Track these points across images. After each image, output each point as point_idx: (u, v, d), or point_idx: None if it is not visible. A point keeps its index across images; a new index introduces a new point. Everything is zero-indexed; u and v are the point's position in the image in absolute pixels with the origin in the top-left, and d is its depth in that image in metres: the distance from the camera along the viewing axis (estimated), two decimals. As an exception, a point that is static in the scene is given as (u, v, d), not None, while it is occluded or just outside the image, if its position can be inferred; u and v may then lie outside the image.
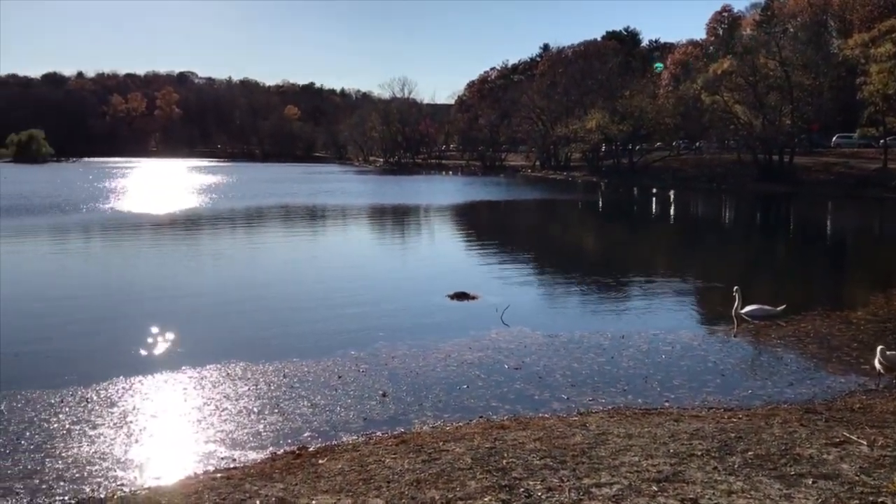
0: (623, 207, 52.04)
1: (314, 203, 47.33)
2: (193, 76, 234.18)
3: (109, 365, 10.87)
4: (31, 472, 7.27)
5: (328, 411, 9.08)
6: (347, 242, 28.81)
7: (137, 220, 35.25)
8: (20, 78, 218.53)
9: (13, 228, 30.10)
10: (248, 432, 8.40)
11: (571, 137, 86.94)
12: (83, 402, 9.29)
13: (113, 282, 18.69)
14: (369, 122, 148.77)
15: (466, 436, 7.88)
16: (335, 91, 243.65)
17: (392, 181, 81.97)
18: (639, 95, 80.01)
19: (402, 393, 9.78)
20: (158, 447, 8.03)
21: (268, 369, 10.80)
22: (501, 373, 10.70)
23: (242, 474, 7.03)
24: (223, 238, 29.35)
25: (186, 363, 11.00)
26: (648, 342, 12.54)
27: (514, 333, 13.03)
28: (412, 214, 42.09)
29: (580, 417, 8.70)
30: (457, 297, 16.02)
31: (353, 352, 11.72)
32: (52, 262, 22.36)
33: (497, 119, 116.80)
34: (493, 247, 27.28)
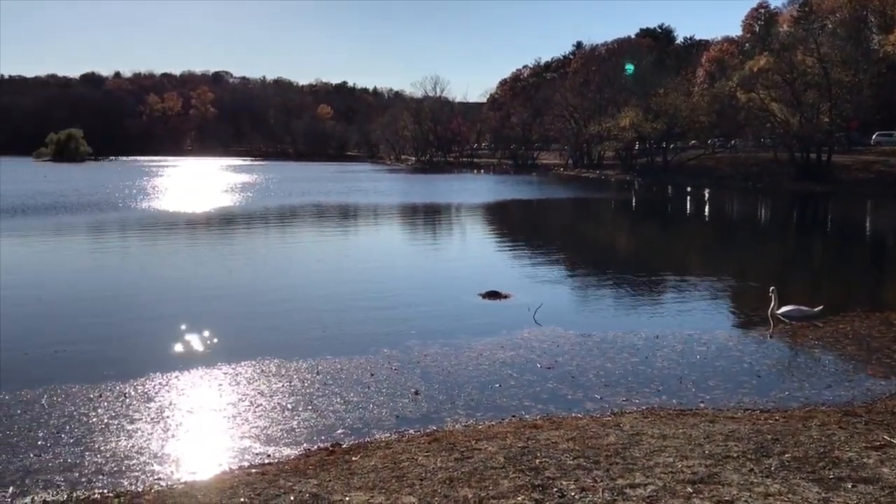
0: (657, 206, 51.61)
1: (346, 202, 47.58)
2: (228, 76, 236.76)
3: (146, 361, 11.04)
4: (71, 466, 7.40)
5: (361, 409, 9.13)
6: (379, 241, 28.92)
7: (173, 218, 35.72)
8: (59, 78, 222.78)
9: (52, 226, 30.69)
10: (283, 429, 8.47)
11: (604, 135, 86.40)
12: (121, 398, 9.45)
13: (149, 280, 18.97)
14: (401, 121, 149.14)
15: (499, 435, 7.88)
16: (367, 90, 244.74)
17: (423, 180, 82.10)
18: (673, 93, 79.22)
19: (435, 391, 9.80)
20: (194, 442, 8.13)
21: (301, 366, 10.88)
22: (534, 372, 10.67)
23: (277, 470, 7.10)
24: (257, 236, 29.63)
25: (221, 360, 11.13)
26: (683, 342, 12.42)
27: (546, 333, 12.98)
28: (443, 213, 42.13)
29: (614, 417, 8.65)
30: (489, 296, 16.01)
31: (385, 350, 11.76)
32: (90, 260, 22.76)
33: (529, 117, 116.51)
34: (525, 246, 27.22)
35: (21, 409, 9.01)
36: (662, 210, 48.84)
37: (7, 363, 10.98)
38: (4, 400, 9.29)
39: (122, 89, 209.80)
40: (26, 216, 33.97)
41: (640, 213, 46.45)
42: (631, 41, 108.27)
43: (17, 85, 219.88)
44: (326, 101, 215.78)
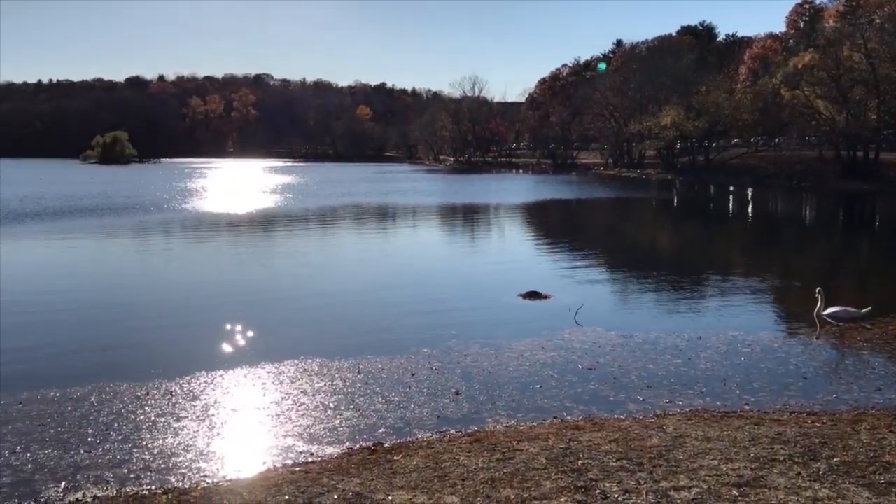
0: (699, 205, 50.98)
1: (386, 202, 47.81)
2: (269, 78, 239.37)
3: (191, 360, 11.23)
4: (120, 462, 7.56)
5: (402, 408, 9.17)
6: (419, 242, 29.00)
7: (216, 219, 36.26)
8: (105, 82, 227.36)
9: (98, 228, 31.36)
10: (325, 427, 8.55)
11: (645, 134, 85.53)
12: (167, 396, 9.62)
13: (193, 281, 19.27)
14: (439, 122, 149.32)
15: (540, 436, 7.86)
16: (406, 91, 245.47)
17: (462, 180, 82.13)
18: (715, 91, 78.11)
19: (475, 391, 9.80)
20: (239, 440, 8.25)
21: (343, 366, 10.97)
22: (575, 373, 10.61)
23: (320, 469, 7.17)
24: (298, 237, 29.93)
25: (264, 359, 11.27)
26: (727, 343, 12.25)
27: (587, 333, 12.91)
28: (482, 213, 42.11)
29: (657, 419, 8.57)
30: (529, 297, 15.96)
31: (425, 350, 11.80)
32: (136, 261, 23.22)
33: (568, 116, 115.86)
34: (564, 246, 27.08)
35: (71, 406, 9.22)
36: (704, 209, 48.22)
37: (58, 362, 11.27)
38: (55, 397, 9.52)
39: (165, 92, 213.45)
40: (73, 218, 34.75)
41: (682, 213, 45.90)
42: (672, 39, 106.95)
43: (65, 89, 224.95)
44: (365, 102, 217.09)
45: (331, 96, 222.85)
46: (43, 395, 9.61)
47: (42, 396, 9.55)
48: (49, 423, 8.65)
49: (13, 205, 41.51)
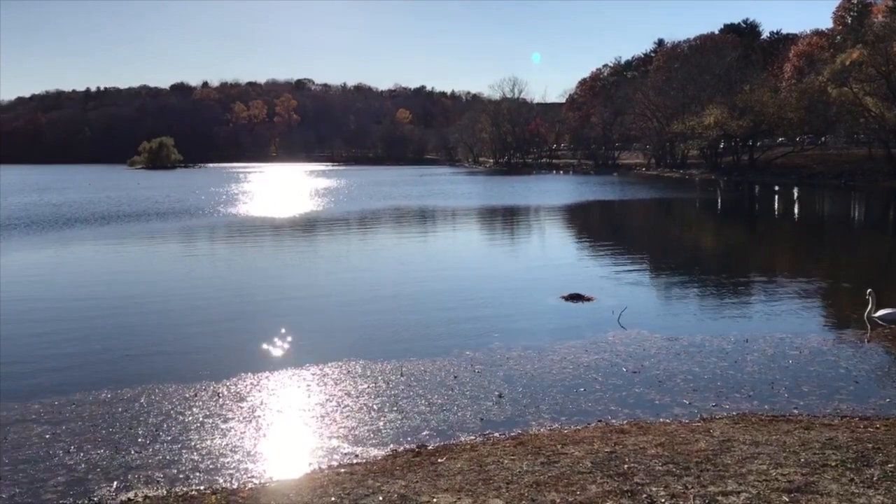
0: (743, 206, 50.20)
1: (426, 205, 47.96)
2: (310, 83, 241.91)
3: (238, 361, 11.40)
4: (169, 462, 7.70)
5: (445, 411, 9.19)
6: (460, 244, 29.02)
7: (260, 223, 36.74)
8: (151, 89, 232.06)
9: (145, 232, 31.97)
10: (369, 429, 8.61)
11: (688, 134, 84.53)
12: (215, 397, 9.77)
13: (238, 283, 19.55)
14: (479, 124, 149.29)
15: (585, 439, 7.81)
16: (445, 93, 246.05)
17: (502, 182, 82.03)
18: (759, 89, 76.94)
19: (518, 394, 9.78)
20: (285, 441, 8.34)
21: (386, 368, 11.02)
22: (619, 376, 10.53)
23: (365, 470, 7.21)
24: (340, 240, 30.18)
25: (309, 360, 11.38)
26: (774, 346, 12.04)
27: (631, 336, 12.79)
28: (523, 215, 42.00)
29: (703, 423, 8.46)
30: (571, 299, 15.87)
31: (468, 352, 11.81)
32: (182, 265, 23.63)
33: (610, 117, 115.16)
34: (607, 247, 26.87)
35: (122, 407, 9.42)
36: (749, 209, 47.47)
37: (110, 363, 11.52)
38: (107, 398, 9.73)
39: (209, 98, 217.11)
40: (121, 223, 35.49)
41: (726, 213, 45.25)
42: (714, 37, 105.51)
43: (112, 96, 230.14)
44: (405, 105, 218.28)
45: (371, 100, 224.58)
46: (95, 396, 9.84)
47: (94, 398, 9.77)
48: (101, 423, 8.85)
49: (63, 210, 42.56)
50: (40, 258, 24.33)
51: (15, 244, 27.25)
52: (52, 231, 31.37)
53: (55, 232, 31.15)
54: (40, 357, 11.91)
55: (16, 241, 28.00)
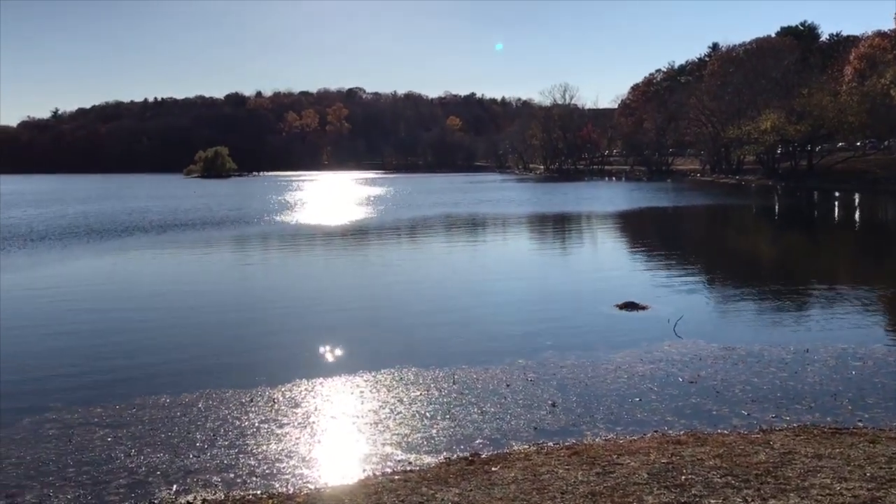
0: (802, 212, 49.02)
1: (476, 212, 47.96)
2: (361, 92, 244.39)
3: (292, 368, 11.53)
4: (226, 467, 7.82)
5: (498, 419, 9.15)
6: (511, 251, 28.93)
7: (312, 231, 37.18)
8: (206, 99, 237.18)
9: (201, 240, 32.61)
10: (422, 436, 8.62)
11: (744, 139, 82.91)
12: (270, 403, 9.90)
13: (291, 291, 19.80)
14: (529, 130, 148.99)
15: (641, 450, 7.69)
16: (496, 100, 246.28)
17: (553, 188, 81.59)
18: (819, 93, 74.99)
19: (572, 404, 9.68)
20: (339, 447, 8.40)
21: (438, 375, 11.03)
22: (675, 386, 10.35)
23: (419, 478, 7.22)
24: (391, 248, 30.35)
25: (361, 367, 11.45)
26: (836, 357, 11.70)
27: (687, 345, 12.57)
28: (575, 222, 41.69)
29: (763, 435, 8.26)
30: (626, 308, 15.68)
31: (520, 361, 11.74)
32: (236, 272, 24.07)
33: (663, 122, 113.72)
34: (661, 255, 26.50)
35: (181, 411, 9.61)
36: (808, 216, 46.34)
37: (168, 369, 11.77)
38: (166, 403, 9.94)
39: (263, 108, 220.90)
40: (177, 231, 36.27)
41: (784, 220, 44.25)
42: (771, 40, 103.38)
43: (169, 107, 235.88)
44: (455, 112, 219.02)
45: (421, 108, 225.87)
46: (154, 400, 10.05)
47: (154, 402, 9.99)
48: (160, 427, 9.03)
49: (122, 218, 43.68)
50: (100, 266, 25.02)
51: (77, 252, 28.07)
52: (112, 240, 32.21)
53: (114, 241, 31.98)
54: (102, 363, 12.23)
55: (78, 249, 28.83)
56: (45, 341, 13.77)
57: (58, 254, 27.24)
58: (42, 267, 24.00)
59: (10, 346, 13.43)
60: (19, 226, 39.03)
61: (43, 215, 47.02)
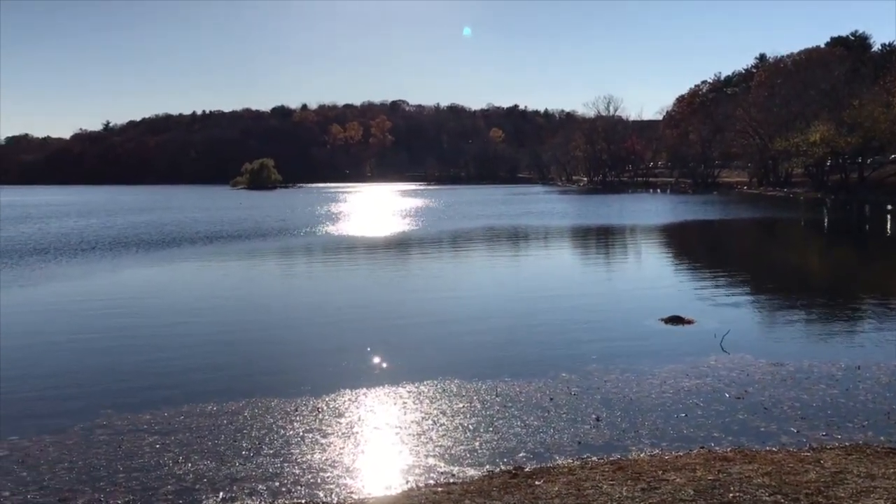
0: (852, 226, 47.94)
1: (519, 224, 47.85)
2: (405, 104, 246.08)
3: (336, 378, 11.62)
4: (271, 475, 7.90)
5: (542, 433, 9.10)
6: (554, 264, 28.81)
7: (355, 243, 37.47)
8: (253, 111, 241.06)
9: (246, 252, 33.08)
10: (465, 449, 8.61)
11: (792, 151, 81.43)
12: (315, 412, 9.98)
13: (335, 301, 19.96)
14: (573, 142, 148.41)
15: (687, 466, 7.58)
16: (539, 112, 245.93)
17: (597, 201, 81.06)
18: (870, 104, 73.31)
19: (617, 418, 9.59)
20: (382, 458, 8.43)
21: (481, 387, 11.02)
22: (722, 402, 10.18)
23: (462, 490, 7.21)
24: (433, 260, 30.43)
25: (404, 378, 11.49)
26: (889, 374, 11.41)
27: (734, 361, 12.37)
28: (619, 235, 41.34)
29: (813, 453, 8.08)
30: (671, 322, 15.49)
31: (564, 374, 11.67)
32: (282, 283, 24.40)
33: (709, 134, 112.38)
34: (707, 269, 26.13)
35: (227, 420, 9.74)
36: (859, 230, 45.31)
37: (216, 378, 11.96)
38: (213, 411, 10.09)
39: (308, 120, 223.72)
40: (224, 243, 36.83)
41: (834, 234, 43.31)
42: (820, 51, 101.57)
43: (216, 119, 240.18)
44: (498, 124, 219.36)
45: (463, 120, 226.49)
46: (202, 408, 10.22)
47: (201, 409, 10.15)
48: (207, 435, 9.17)
49: (169, 229, 44.53)
50: (149, 277, 25.53)
51: (126, 262, 28.68)
52: (159, 250, 32.84)
53: (162, 251, 32.61)
54: (150, 371, 12.47)
55: (128, 259, 29.46)
56: (95, 350, 14.08)
57: (108, 264, 27.87)
58: (93, 276, 24.58)
59: (63, 354, 13.79)
60: (70, 235, 40.06)
61: (93, 226, 48.18)
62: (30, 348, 14.25)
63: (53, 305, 19.13)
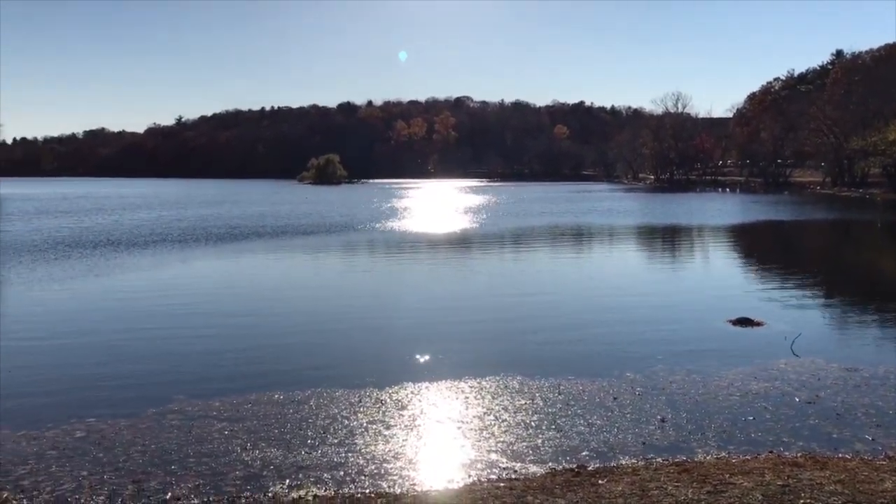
0: (933, 228, 46.03)
1: (584, 222, 47.41)
2: (469, 100, 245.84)
3: (399, 371, 11.74)
4: (336, 465, 8.04)
5: (605, 432, 9.02)
6: (620, 263, 28.47)
7: (418, 239, 37.65)
8: (319, 108, 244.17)
9: (312, 246, 33.59)
10: (527, 445, 8.59)
11: (869, 151, 78.65)
12: (378, 404, 10.11)
13: (399, 297, 20.18)
14: (640, 139, 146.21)
15: (755, 470, 7.43)
16: (605, 108, 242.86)
17: (664, 199, 79.70)
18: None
19: (682, 420, 9.44)
20: (444, 451, 8.48)
21: (543, 385, 10.98)
22: (792, 406, 9.93)
23: (524, 486, 7.21)
24: (496, 256, 30.40)
25: (466, 374, 11.53)
26: (971, 383, 10.94)
27: (805, 364, 12.04)
28: (686, 234, 40.58)
29: (889, 462, 7.82)
30: (739, 323, 15.16)
31: (629, 374, 11.54)
32: (347, 278, 24.72)
33: (781, 132, 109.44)
34: (777, 270, 25.46)
35: (293, 409, 9.94)
36: (940, 233, 43.47)
37: (282, 367, 12.22)
38: (280, 400, 10.31)
39: (373, 117, 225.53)
40: (291, 236, 37.49)
41: (913, 236, 41.67)
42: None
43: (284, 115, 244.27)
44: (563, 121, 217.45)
45: (528, 116, 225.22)
46: (269, 396, 10.45)
47: (268, 398, 10.38)
48: (273, 423, 9.37)
49: (237, 222, 45.53)
50: (218, 269, 26.19)
51: (196, 254, 29.46)
52: (228, 243, 33.62)
53: (230, 244, 33.38)
54: (220, 360, 12.81)
55: (197, 251, 30.26)
56: (167, 339, 14.50)
57: (177, 255, 28.67)
58: (164, 268, 25.30)
59: (138, 342, 14.26)
60: (142, 227, 41.34)
61: (164, 218, 49.60)
62: (108, 336, 14.78)
63: (127, 295, 19.77)
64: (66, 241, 32.79)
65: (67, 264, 25.30)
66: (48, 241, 33.17)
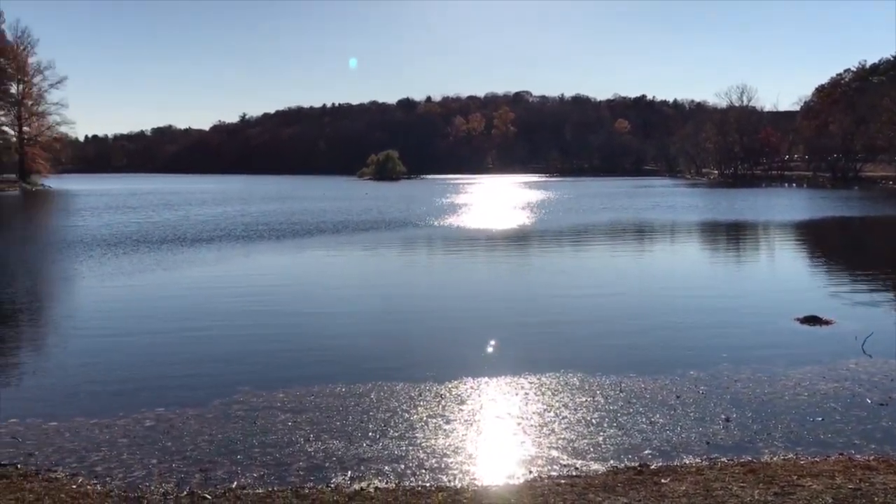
0: None
1: (646, 218, 46.76)
2: (528, 95, 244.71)
3: (459, 366, 11.76)
4: (397, 458, 8.10)
5: (668, 430, 8.89)
6: (683, 259, 27.99)
7: (477, 235, 37.64)
8: (379, 104, 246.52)
9: (373, 241, 33.91)
10: (588, 443, 8.52)
11: (946, 144, 75.58)
12: (437, 398, 10.15)
13: (458, 293, 20.24)
14: (703, 133, 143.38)
15: (824, 472, 7.23)
16: (667, 102, 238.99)
17: (728, 195, 78.05)
18: None
19: (748, 419, 9.23)
20: (504, 447, 8.47)
21: (604, 382, 10.87)
22: (863, 407, 9.62)
23: (585, 484, 7.15)
24: (555, 252, 30.22)
25: (526, 370, 11.49)
26: None
27: (877, 365, 11.65)
28: (752, 231, 39.66)
29: (968, 467, 7.51)
30: (807, 322, 14.75)
31: (692, 372, 11.34)
32: (406, 273, 24.94)
33: (851, 125, 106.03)
34: (847, 268, 24.70)
35: (354, 401, 10.06)
36: None
37: (344, 360, 12.38)
38: (341, 392, 10.45)
39: (432, 112, 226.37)
40: (351, 232, 37.89)
41: None
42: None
43: (344, 112, 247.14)
44: (624, 115, 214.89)
45: (588, 111, 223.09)
46: (331, 389, 10.60)
47: (330, 390, 10.53)
48: (335, 415, 9.50)
49: (299, 218, 46.22)
50: (280, 263, 26.67)
51: (259, 248, 30.03)
52: (290, 238, 34.14)
53: (292, 239, 33.89)
54: (283, 352, 13.06)
55: (261, 246, 30.84)
56: (231, 332, 14.84)
57: (241, 250, 29.24)
58: (227, 262, 25.84)
59: (202, 335, 14.62)
60: (207, 222, 42.30)
61: (228, 213, 50.68)
62: (175, 329, 15.18)
63: (193, 289, 20.28)
64: (134, 236, 33.77)
65: (136, 258, 26.07)
66: (117, 235, 34.23)
